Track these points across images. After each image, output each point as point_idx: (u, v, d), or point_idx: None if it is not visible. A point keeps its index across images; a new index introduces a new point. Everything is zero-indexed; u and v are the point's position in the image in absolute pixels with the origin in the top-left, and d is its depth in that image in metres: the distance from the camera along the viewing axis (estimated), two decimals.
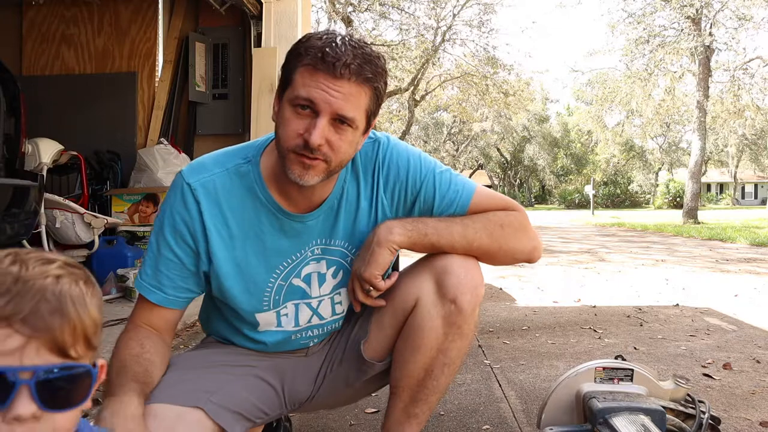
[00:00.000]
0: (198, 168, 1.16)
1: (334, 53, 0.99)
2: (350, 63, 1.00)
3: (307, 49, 1.02)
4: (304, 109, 1.02)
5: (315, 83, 1.00)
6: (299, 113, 1.03)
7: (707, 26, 17.27)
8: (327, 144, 1.03)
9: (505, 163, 51.01)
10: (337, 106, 1.01)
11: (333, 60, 0.99)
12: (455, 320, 1.18)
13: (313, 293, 1.23)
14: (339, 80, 1.00)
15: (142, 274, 1.15)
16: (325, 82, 1.00)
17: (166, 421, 1.01)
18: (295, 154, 1.04)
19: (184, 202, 1.13)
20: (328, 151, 1.04)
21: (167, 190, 1.18)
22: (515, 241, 1.24)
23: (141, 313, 1.16)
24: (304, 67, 1.02)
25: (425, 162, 1.23)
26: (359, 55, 1.02)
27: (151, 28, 4.86)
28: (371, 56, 1.04)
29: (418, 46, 18.43)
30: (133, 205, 4.18)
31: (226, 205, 1.13)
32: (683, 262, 6.73)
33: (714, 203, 47.69)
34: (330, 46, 1.00)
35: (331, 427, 1.82)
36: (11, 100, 3.18)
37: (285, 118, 1.05)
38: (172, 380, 1.11)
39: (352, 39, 1.04)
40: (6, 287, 0.60)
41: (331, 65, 0.99)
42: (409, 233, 1.17)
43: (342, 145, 1.05)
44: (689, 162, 18.24)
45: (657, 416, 1.26)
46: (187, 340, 2.81)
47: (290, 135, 1.04)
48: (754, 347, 2.76)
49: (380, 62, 1.06)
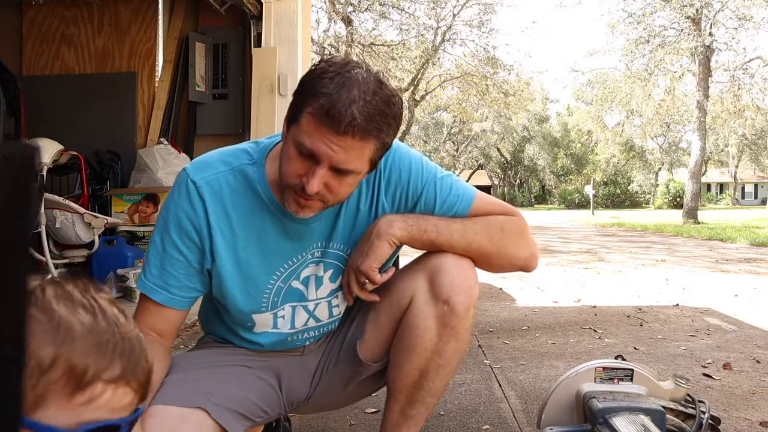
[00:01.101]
0: (203, 166, 1.15)
1: (340, 107, 0.96)
2: (357, 120, 0.97)
3: (317, 95, 0.98)
4: (306, 155, 1.01)
5: (319, 135, 0.99)
6: (302, 155, 1.02)
7: (707, 26, 17.28)
8: (325, 188, 1.03)
9: (505, 163, 51.02)
10: (336, 161, 1.00)
11: (339, 117, 0.96)
12: (449, 321, 1.18)
13: (311, 296, 1.23)
14: (343, 137, 0.98)
15: (147, 274, 1.13)
16: (329, 137, 0.98)
17: (170, 422, 1.01)
18: (293, 192, 1.05)
19: (189, 199, 1.12)
20: (326, 194, 1.04)
21: (167, 190, 1.17)
22: (514, 246, 1.23)
23: (144, 315, 1.14)
24: (311, 114, 0.99)
25: (426, 167, 1.23)
26: (369, 104, 0.98)
27: (151, 28, 4.85)
28: (383, 103, 1.00)
29: (418, 46, 18.44)
30: (133, 205, 4.18)
31: (230, 204, 1.13)
32: (683, 262, 6.73)
33: (714, 203, 47.69)
34: (339, 96, 0.96)
35: (331, 427, 1.82)
36: (11, 100, 3.19)
37: (288, 155, 1.04)
38: (174, 381, 1.12)
39: (369, 78, 1.00)
40: (120, 348, 0.60)
41: (337, 122, 0.97)
42: (409, 228, 1.17)
43: (341, 189, 1.05)
44: (689, 162, 18.24)
45: (657, 416, 1.26)
46: (187, 340, 2.81)
47: (291, 173, 1.04)
48: (754, 347, 2.76)
49: (393, 109, 1.02)
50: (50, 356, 0.55)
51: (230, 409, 1.13)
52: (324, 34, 17.24)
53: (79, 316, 0.58)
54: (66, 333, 0.57)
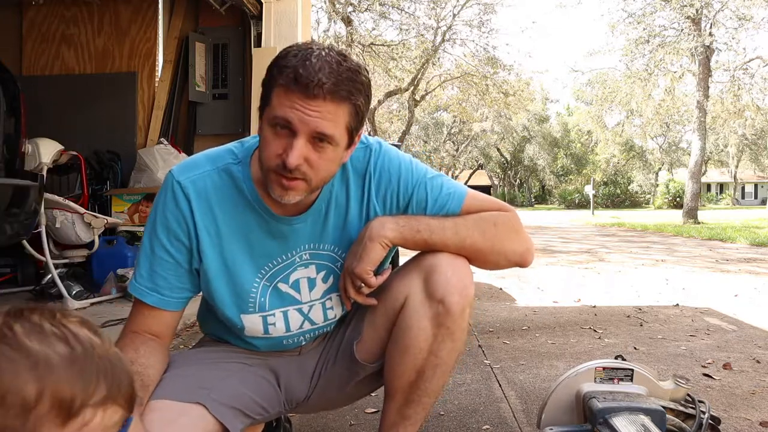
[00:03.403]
0: (188, 166, 1.15)
1: (307, 73, 0.97)
2: (324, 82, 0.97)
3: (282, 68, 1.00)
4: (282, 129, 1.01)
5: (290, 103, 0.99)
6: (278, 133, 1.02)
7: (707, 26, 17.27)
8: (306, 163, 1.02)
9: (505, 163, 51.03)
10: (313, 125, 0.99)
11: (306, 80, 0.97)
12: (444, 321, 1.17)
13: (303, 298, 1.23)
14: (314, 100, 0.98)
15: (137, 277, 1.14)
16: (300, 102, 0.98)
17: (169, 415, 1.02)
18: (275, 174, 1.04)
19: (175, 200, 1.12)
20: (308, 170, 1.03)
21: None
22: (508, 241, 1.23)
23: (138, 318, 1.15)
24: (279, 87, 1.00)
25: (416, 168, 1.24)
26: (336, 72, 0.99)
27: (151, 28, 4.86)
28: (350, 71, 1.01)
29: (418, 46, 18.44)
30: (133, 205, 4.18)
31: (215, 203, 1.13)
32: (683, 262, 6.73)
33: (714, 203, 47.70)
34: (304, 65, 0.98)
35: (331, 427, 1.82)
36: (11, 100, 3.19)
37: (264, 138, 1.04)
38: (174, 376, 1.12)
39: (331, 52, 1.01)
40: (101, 370, 0.60)
41: (305, 86, 0.97)
42: (401, 229, 1.17)
43: (322, 163, 1.04)
44: (689, 162, 18.24)
45: (657, 416, 1.26)
46: (187, 340, 2.81)
47: (269, 155, 1.03)
48: (754, 347, 2.76)
49: (360, 77, 1.03)
50: (35, 392, 0.55)
51: (229, 406, 1.13)
52: (324, 34, 17.25)
53: (55, 347, 0.58)
54: (45, 366, 0.57)
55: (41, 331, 0.58)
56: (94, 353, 0.60)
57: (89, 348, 0.60)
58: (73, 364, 0.58)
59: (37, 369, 0.56)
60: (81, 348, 0.59)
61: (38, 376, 0.56)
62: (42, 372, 0.56)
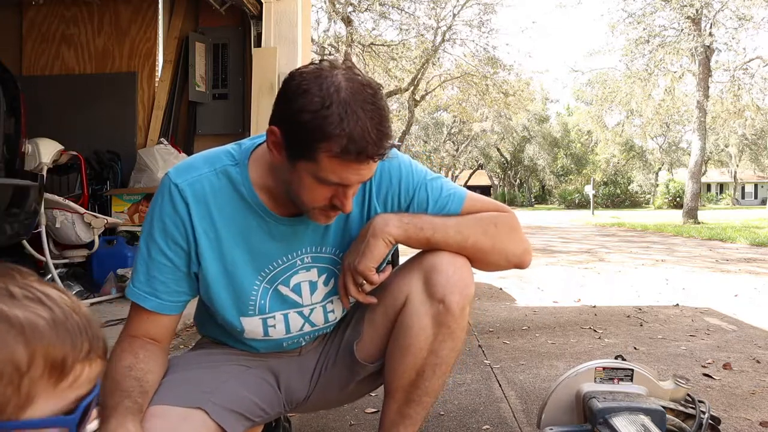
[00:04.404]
0: (185, 168, 1.14)
1: (361, 144, 0.97)
2: (377, 146, 0.99)
3: (329, 137, 0.96)
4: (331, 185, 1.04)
5: (346, 170, 1.00)
6: (325, 185, 1.03)
7: (707, 26, 17.27)
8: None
9: (505, 163, 51.03)
10: (365, 180, 1.05)
11: (362, 151, 0.97)
12: (444, 320, 1.17)
13: (305, 301, 1.22)
14: (369, 162, 1.01)
15: (135, 282, 1.12)
16: (356, 167, 1.00)
17: (170, 421, 1.01)
18: (320, 210, 1.08)
19: (172, 203, 1.11)
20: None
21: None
22: (508, 240, 1.24)
23: (136, 323, 1.14)
24: (332, 156, 0.98)
25: (416, 169, 1.24)
26: (376, 120, 0.98)
27: (151, 28, 4.86)
28: (380, 108, 1.00)
29: (418, 46, 18.44)
30: (133, 205, 4.18)
31: (213, 205, 1.12)
32: (683, 262, 6.73)
33: (714, 203, 47.69)
34: (354, 133, 0.96)
35: (331, 427, 1.82)
36: (11, 100, 3.19)
37: (306, 186, 1.04)
38: (173, 381, 1.11)
39: (356, 90, 0.98)
40: (80, 326, 0.61)
41: (363, 156, 0.98)
42: (405, 226, 1.17)
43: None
44: (689, 162, 18.24)
45: (657, 416, 1.26)
46: (187, 340, 2.81)
47: (316, 200, 1.05)
48: (754, 347, 2.76)
49: (383, 102, 1.03)
50: (26, 356, 0.56)
51: (230, 410, 1.13)
52: (324, 34, 17.26)
53: (35, 310, 0.59)
54: (32, 331, 0.57)
55: (13, 296, 0.59)
56: (69, 310, 0.61)
57: (65, 307, 0.61)
58: (56, 324, 0.59)
59: (24, 334, 0.56)
60: (58, 308, 0.60)
61: (26, 340, 0.56)
62: (29, 336, 0.57)
